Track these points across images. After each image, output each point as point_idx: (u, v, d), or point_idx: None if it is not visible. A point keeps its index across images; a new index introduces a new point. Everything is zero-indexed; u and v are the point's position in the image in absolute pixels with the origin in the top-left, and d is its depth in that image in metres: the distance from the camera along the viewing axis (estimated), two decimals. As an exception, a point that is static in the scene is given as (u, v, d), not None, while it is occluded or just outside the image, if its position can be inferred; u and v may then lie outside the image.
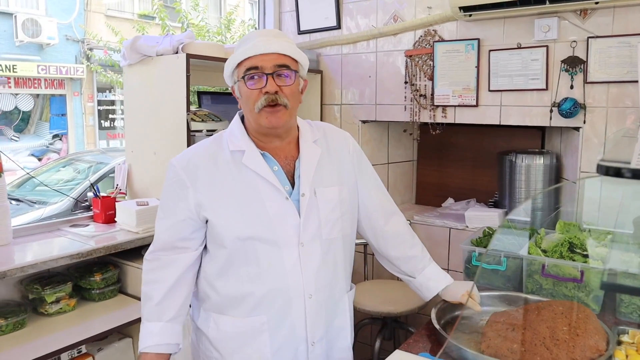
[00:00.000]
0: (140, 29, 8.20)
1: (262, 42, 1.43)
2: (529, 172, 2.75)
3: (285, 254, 1.48)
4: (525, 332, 1.46)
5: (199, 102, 3.15)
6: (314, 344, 1.54)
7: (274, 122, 1.45)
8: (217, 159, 1.51)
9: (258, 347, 1.51)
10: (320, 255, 1.52)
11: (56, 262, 2.10)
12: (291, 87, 1.46)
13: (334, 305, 1.60)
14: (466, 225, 2.77)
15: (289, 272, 1.48)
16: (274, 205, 1.47)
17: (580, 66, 2.36)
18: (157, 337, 1.49)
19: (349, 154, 1.66)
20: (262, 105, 1.43)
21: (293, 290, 1.49)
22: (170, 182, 1.53)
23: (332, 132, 1.67)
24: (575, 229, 2.10)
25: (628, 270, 1.76)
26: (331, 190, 1.55)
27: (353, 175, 1.65)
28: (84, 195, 5.01)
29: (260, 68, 1.42)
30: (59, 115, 13.48)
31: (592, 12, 2.32)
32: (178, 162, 1.53)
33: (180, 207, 1.50)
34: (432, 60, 2.76)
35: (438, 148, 3.38)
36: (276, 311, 1.50)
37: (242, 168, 1.48)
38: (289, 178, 1.52)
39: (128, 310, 2.28)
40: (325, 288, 1.55)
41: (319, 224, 1.52)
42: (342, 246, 1.60)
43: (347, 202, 1.61)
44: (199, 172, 1.49)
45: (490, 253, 2.02)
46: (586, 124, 2.38)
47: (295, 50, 1.48)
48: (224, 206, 1.47)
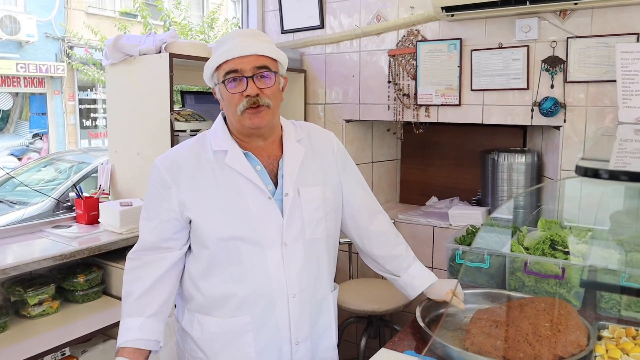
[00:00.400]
0: (122, 27, 8.13)
1: (240, 43, 1.43)
2: (511, 170, 2.78)
3: (268, 254, 1.48)
4: (509, 328, 1.48)
5: (183, 101, 3.13)
6: (298, 343, 1.54)
7: (257, 123, 1.45)
8: (200, 159, 1.51)
9: (242, 347, 1.51)
10: (303, 255, 1.52)
11: (38, 263, 2.07)
12: (272, 87, 1.47)
13: (318, 305, 1.61)
14: (450, 224, 2.80)
15: (272, 272, 1.48)
16: (257, 205, 1.47)
17: (560, 66, 2.40)
18: (137, 331, 1.46)
19: (332, 154, 1.66)
20: (244, 108, 1.44)
21: (276, 291, 1.49)
22: (153, 183, 1.53)
23: (316, 132, 1.67)
24: (557, 227, 2.14)
25: (608, 266, 1.80)
26: (315, 189, 1.56)
27: (337, 175, 1.66)
28: (65, 195, 4.96)
29: (240, 71, 1.43)
30: (39, 114, 13.28)
31: (571, 12, 2.36)
32: (161, 163, 1.53)
33: (163, 207, 1.50)
34: (415, 59, 2.78)
35: (421, 147, 3.40)
36: (260, 311, 1.50)
37: (224, 168, 1.49)
38: (272, 178, 1.53)
39: (112, 311, 2.26)
40: (309, 288, 1.55)
41: (303, 224, 1.52)
42: (326, 246, 1.60)
43: (331, 202, 1.61)
44: (182, 172, 1.49)
45: (474, 251, 2.04)
46: (566, 123, 2.42)
47: (273, 49, 1.48)
48: (207, 206, 1.47)
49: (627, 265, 1.76)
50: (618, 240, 1.88)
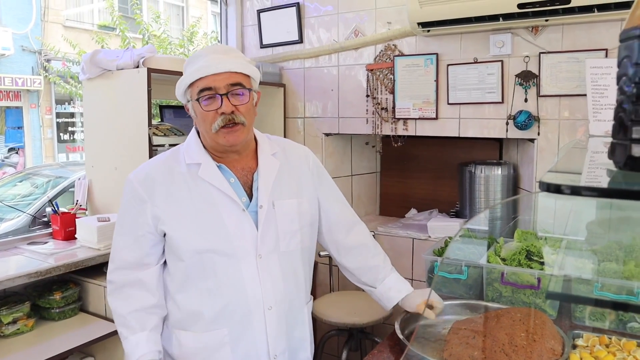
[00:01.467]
0: (100, 40, 8.08)
1: (213, 60, 1.43)
2: (488, 182, 2.83)
3: (243, 266, 1.48)
4: (486, 339, 1.50)
5: (161, 115, 3.12)
6: (276, 357, 1.54)
7: (232, 141, 1.46)
8: (173, 172, 1.51)
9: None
10: (279, 267, 1.53)
11: (13, 281, 2.04)
12: (246, 104, 1.47)
13: (294, 318, 1.61)
14: (429, 236, 2.82)
15: (247, 285, 1.49)
16: (231, 218, 1.48)
17: (534, 80, 2.45)
18: (144, 346, 1.47)
19: (308, 168, 1.67)
20: (219, 126, 1.44)
21: (252, 303, 1.50)
22: (127, 198, 1.53)
23: (291, 147, 1.68)
24: (532, 237, 2.17)
25: (581, 276, 1.83)
26: (290, 202, 1.56)
27: (313, 189, 1.66)
28: (42, 211, 4.88)
29: (214, 89, 1.43)
30: (15, 127, 13.07)
31: (542, 28, 2.42)
32: (135, 177, 1.53)
33: (139, 222, 1.50)
34: (393, 74, 2.82)
35: (400, 160, 3.44)
36: (236, 324, 1.50)
37: (198, 181, 1.49)
38: (247, 190, 1.53)
39: (90, 328, 2.23)
40: (285, 300, 1.55)
41: (277, 237, 1.53)
42: (301, 258, 1.61)
43: (307, 215, 1.61)
44: (156, 186, 1.49)
45: (452, 262, 2.06)
46: (540, 136, 2.47)
47: (246, 65, 1.48)
48: (181, 219, 1.47)
49: (600, 274, 1.80)
50: (591, 250, 1.92)
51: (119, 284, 1.53)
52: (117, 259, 1.54)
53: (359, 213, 1.82)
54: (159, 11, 9.21)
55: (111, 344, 2.28)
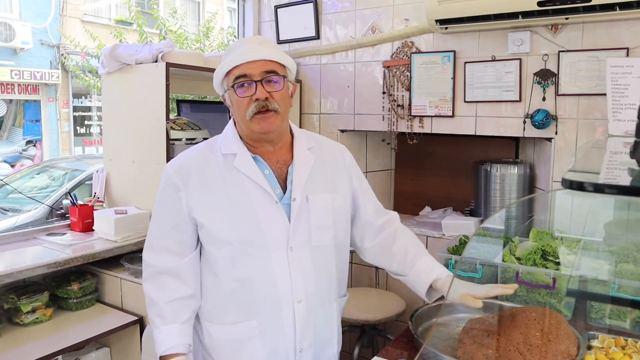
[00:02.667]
0: (118, 34, 8.14)
1: (249, 49, 1.46)
2: (504, 181, 2.81)
3: (274, 258, 1.48)
4: (500, 338, 1.49)
5: (178, 110, 3.15)
6: (302, 350, 1.54)
7: (266, 127, 1.47)
8: (209, 162, 1.53)
9: (251, 352, 1.52)
10: (310, 261, 1.53)
11: (32, 271, 2.08)
12: (281, 92, 1.49)
13: (324, 313, 1.60)
14: (443, 234, 2.82)
15: (277, 277, 1.49)
16: (264, 209, 1.48)
17: (552, 79, 2.43)
18: (175, 338, 1.49)
19: (344, 166, 1.67)
20: (253, 113, 1.45)
21: (282, 295, 1.50)
22: (164, 187, 1.55)
23: (328, 144, 1.69)
24: (548, 237, 2.16)
25: (598, 277, 1.82)
26: (324, 197, 1.56)
27: (349, 187, 1.66)
28: (59, 203, 4.94)
29: (249, 76, 1.45)
30: (33, 121, 13.24)
31: (562, 27, 2.40)
32: (171, 167, 1.55)
33: (174, 210, 1.52)
34: (410, 71, 2.81)
35: (415, 157, 3.43)
36: (266, 316, 1.51)
37: (233, 171, 1.50)
38: (281, 183, 1.53)
39: (106, 319, 2.27)
40: (315, 294, 1.55)
41: (310, 230, 1.53)
42: (334, 254, 1.60)
43: (342, 211, 1.62)
44: (192, 176, 1.51)
45: (466, 261, 2.06)
46: (558, 135, 2.45)
47: (282, 55, 1.50)
48: (214, 209, 1.49)
49: (617, 275, 1.78)
50: (608, 251, 1.90)
51: (155, 269, 1.54)
52: (154, 245, 1.56)
53: (373, 210, 1.81)
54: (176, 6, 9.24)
55: (126, 335, 2.32)
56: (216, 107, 3.36)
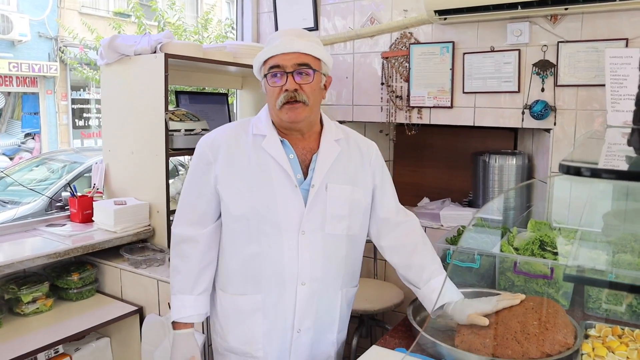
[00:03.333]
0: (117, 26, 8.11)
1: (285, 41, 1.52)
2: (502, 172, 2.82)
3: (285, 239, 1.55)
4: (498, 326, 1.51)
5: (177, 101, 3.14)
6: (299, 331, 1.61)
7: (294, 118, 1.52)
8: (239, 139, 1.60)
9: (251, 324, 1.61)
10: (321, 247, 1.58)
11: (33, 261, 2.08)
12: (311, 84, 1.53)
13: (327, 298, 1.65)
14: (441, 224, 2.82)
15: (285, 257, 1.55)
16: (282, 191, 1.55)
17: (551, 70, 2.43)
18: (189, 309, 1.62)
19: (369, 162, 1.71)
20: (282, 103, 1.52)
21: (287, 276, 1.56)
22: (196, 159, 1.64)
23: (357, 138, 1.74)
24: (546, 228, 2.17)
25: (595, 267, 1.83)
26: (343, 188, 1.61)
27: (371, 182, 1.70)
28: (58, 195, 4.95)
29: (282, 66, 1.51)
30: (32, 113, 13.21)
31: (562, 17, 2.39)
32: (204, 141, 1.64)
33: (202, 181, 1.60)
34: (408, 62, 2.81)
35: (414, 148, 3.43)
36: (270, 293, 1.58)
37: (260, 151, 1.57)
38: (303, 168, 1.59)
39: (106, 309, 2.28)
40: (321, 279, 1.60)
41: (324, 217, 1.58)
42: (347, 244, 1.65)
43: (360, 204, 1.66)
44: (221, 149, 1.59)
45: (465, 251, 2.07)
46: (556, 126, 2.45)
47: (317, 49, 1.55)
48: (236, 183, 1.56)
49: (614, 265, 1.79)
50: (606, 242, 1.91)
51: (178, 238, 1.64)
52: (180, 214, 1.66)
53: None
54: (174, -2, 9.19)
55: (126, 325, 2.33)
56: (215, 98, 3.36)
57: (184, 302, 1.62)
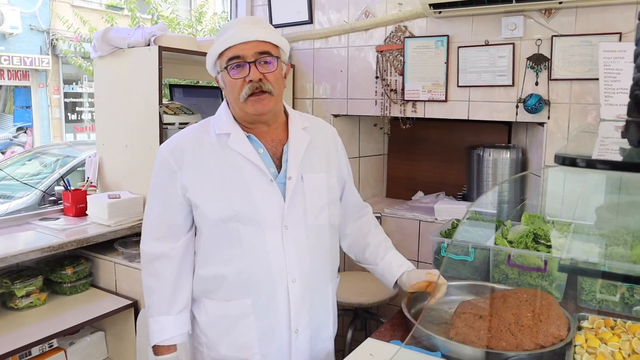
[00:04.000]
0: (110, 19, 8.05)
1: (241, 30, 1.44)
2: (496, 166, 2.83)
3: (268, 236, 1.49)
4: (492, 318, 1.52)
5: (171, 95, 3.13)
6: (297, 331, 1.56)
7: (261, 109, 1.47)
8: (203, 142, 1.52)
9: (244, 330, 1.53)
10: (305, 240, 1.54)
11: (26, 255, 2.07)
12: (274, 73, 1.48)
13: (319, 293, 1.62)
14: (435, 218, 2.83)
15: (271, 255, 1.49)
16: (259, 187, 1.49)
17: (545, 63, 2.44)
18: (170, 330, 1.53)
19: (335, 150, 1.69)
20: (247, 94, 1.45)
21: (276, 274, 1.50)
22: (158, 169, 1.55)
23: (320, 125, 1.70)
24: (540, 221, 2.18)
25: (588, 259, 1.84)
26: (319, 176, 1.57)
27: (339, 167, 1.69)
28: (51, 189, 4.93)
29: (242, 57, 1.44)
30: (24, 107, 13.11)
31: (556, 11, 2.40)
32: (165, 148, 1.55)
33: (169, 192, 1.52)
34: (403, 55, 2.81)
35: (408, 142, 3.43)
36: (261, 295, 1.51)
37: (227, 150, 1.50)
38: (275, 161, 1.54)
39: (100, 303, 2.27)
40: (310, 274, 1.56)
41: (305, 209, 1.54)
42: (329, 234, 1.62)
43: (334, 191, 1.63)
44: (185, 156, 1.51)
45: (459, 244, 2.08)
46: (550, 120, 2.46)
47: (275, 35, 1.49)
48: (208, 188, 1.49)
49: (607, 258, 1.81)
50: (599, 235, 1.92)
51: (149, 256, 1.56)
52: (147, 231, 1.57)
53: (365, 195, 1.86)
54: (168, -9, 9.13)
55: (121, 319, 2.33)
56: (209, 91, 3.34)
57: (163, 323, 1.52)
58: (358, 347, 1.51)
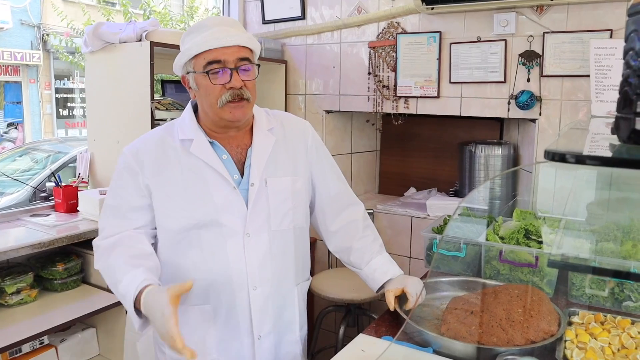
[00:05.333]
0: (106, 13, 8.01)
1: (221, 33, 1.40)
2: (488, 162, 2.84)
3: (229, 244, 1.46)
4: (483, 314, 1.52)
5: (163, 90, 3.11)
6: (260, 337, 1.53)
7: (239, 116, 1.44)
8: (165, 147, 1.49)
9: (203, 336, 1.50)
10: (267, 246, 1.50)
11: (17, 252, 2.06)
12: (253, 81, 1.46)
13: (282, 299, 1.58)
14: (427, 214, 2.84)
15: (232, 262, 1.47)
16: (221, 195, 1.46)
17: (537, 60, 2.45)
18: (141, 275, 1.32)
19: (306, 145, 1.63)
20: (226, 100, 1.41)
21: (236, 282, 1.48)
22: (120, 169, 1.51)
23: (290, 122, 1.65)
24: (531, 217, 2.19)
25: (579, 255, 1.85)
26: (284, 180, 1.54)
27: (309, 167, 1.63)
28: (42, 185, 4.90)
29: (224, 62, 1.39)
30: (14, 102, 13.02)
31: (547, 8, 2.40)
32: (128, 150, 1.51)
33: (131, 192, 1.47)
34: (395, 52, 2.81)
35: (400, 138, 3.44)
36: (220, 301, 1.49)
37: (190, 157, 1.47)
38: (239, 167, 1.51)
39: (91, 300, 2.26)
40: (272, 280, 1.53)
41: (268, 215, 1.50)
42: (293, 238, 1.58)
43: (302, 194, 1.59)
44: (148, 159, 1.47)
45: (451, 240, 2.08)
46: (542, 116, 2.47)
47: (252, 40, 1.46)
48: (169, 194, 1.46)
49: (597, 254, 1.82)
50: (589, 230, 1.93)
51: (108, 246, 1.45)
52: (107, 229, 1.49)
53: (358, 191, 1.83)
54: (160, -14, 9.08)
55: (113, 316, 2.32)
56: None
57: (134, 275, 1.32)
58: (350, 343, 1.51)
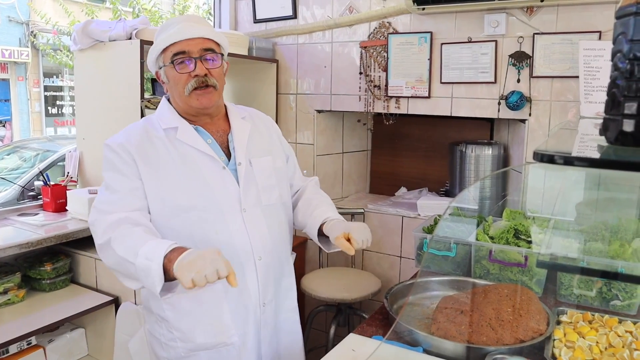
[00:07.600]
0: (90, 12, 7.94)
1: (186, 27, 1.49)
2: (478, 162, 2.85)
3: (229, 220, 1.53)
4: (473, 314, 1.53)
5: (153, 89, 3.09)
6: (264, 304, 1.61)
7: (205, 103, 1.52)
8: (151, 137, 1.54)
9: (217, 313, 1.55)
10: (263, 220, 1.59)
11: (4, 251, 2.04)
12: (218, 69, 1.54)
13: (282, 268, 1.69)
14: (418, 214, 2.85)
15: (235, 237, 1.54)
16: (213, 175, 1.53)
17: (527, 61, 2.46)
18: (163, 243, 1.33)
19: (276, 136, 1.77)
20: (192, 88, 1.49)
21: (243, 254, 1.55)
22: (110, 158, 1.51)
23: (257, 114, 1.78)
24: (521, 217, 2.20)
25: (567, 254, 1.87)
26: (265, 159, 1.64)
27: (282, 150, 1.76)
28: (30, 184, 4.85)
29: (188, 52, 1.48)
30: (2, 100, 12.88)
31: (537, 9, 2.42)
32: (113, 141, 1.53)
33: (127, 175, 1.48)
34: (386, 52, 2.81)
35: (391, 138, 3.44)
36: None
37: (177, 143, 1.53)
38: (224, 150, 1.59)
39: (80, 300, 2.25)
40: (273, 251, 1.62)
41: (258, 191, 1.59)
42: (283, 211, 1.69)
43: (282, 171, 1.71)
44: (136, 150, 1.50)
45: (441, 240, 2.09)
46: (531, 117, 2.49)
47: (217, 34, 1.55)
48: (164, 181, 1.50)
49: (586, 253, 1.83)
50: (578, 230, 1.95)
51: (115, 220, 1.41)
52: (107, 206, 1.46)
53: (349, 190, 1.85)
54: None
55: (102, 316, 2.30)
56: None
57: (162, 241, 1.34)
58: (340, 343, 1.51)
